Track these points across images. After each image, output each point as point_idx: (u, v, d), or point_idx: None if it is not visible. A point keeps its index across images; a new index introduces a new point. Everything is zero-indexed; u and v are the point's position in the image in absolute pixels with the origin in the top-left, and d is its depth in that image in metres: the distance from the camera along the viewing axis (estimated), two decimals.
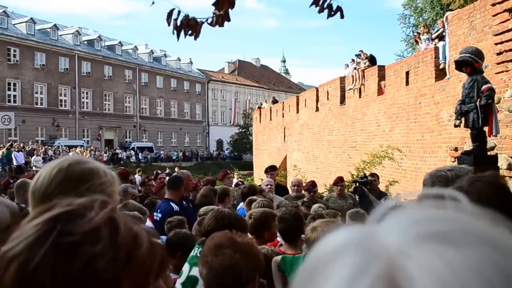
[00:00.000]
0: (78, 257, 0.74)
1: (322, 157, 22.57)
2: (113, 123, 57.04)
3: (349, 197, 8.74)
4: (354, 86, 18.84)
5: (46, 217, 0.79)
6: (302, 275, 0.49)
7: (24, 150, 28.57)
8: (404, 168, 14.02)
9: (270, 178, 8.77)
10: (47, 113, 49.58)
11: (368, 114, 17.62)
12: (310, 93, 25.81)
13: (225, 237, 1.99)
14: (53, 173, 1.55)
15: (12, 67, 47.05)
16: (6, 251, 0.76)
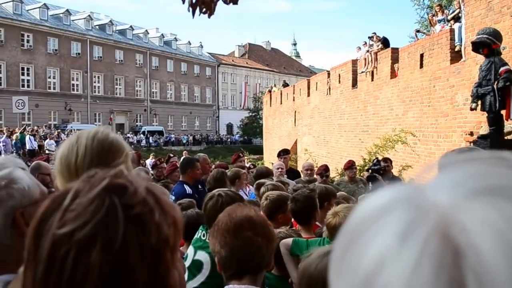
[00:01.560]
0: (150, 228, 0.76)
1: (333, 141, 22.37)
2: (124, 107, 57.22)
3: (360, 182, 8.64)
4: (366, 69, 18.54)
5: (98, 191, 0.77)
6: (349, 232, 0.48)
7: (38, 134, 28.64)
8: (417, 152, 13.78)
9: (282, 161, 8.62)
10: (59, 97, 49.83)
11: (380, 98, 17.35)
12: (321, 76, 25.57)
13: (243, 216, 1.89)
14: (93, 145, 1.54)
15: (26, 52, 47.24)
16: (69, 231, 0.73)
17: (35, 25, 48.02)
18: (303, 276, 1.33)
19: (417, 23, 35.85)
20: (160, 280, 0.79)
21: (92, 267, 0.71)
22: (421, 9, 36.48)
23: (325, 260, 1.28)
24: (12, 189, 1.36)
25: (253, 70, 77.13)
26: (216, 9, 2.35)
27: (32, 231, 0.78)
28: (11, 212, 1.34)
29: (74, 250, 0.72)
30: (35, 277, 0.74)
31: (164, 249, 0.79)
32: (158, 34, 65.02)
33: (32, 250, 0.76)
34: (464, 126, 11.54)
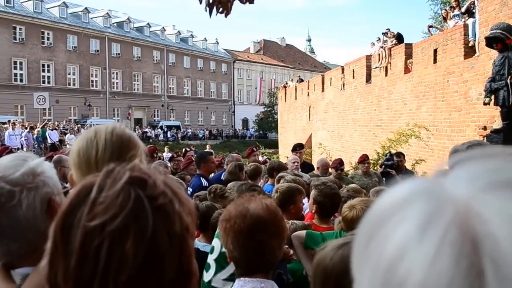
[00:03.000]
0: (173, 217, 0.79)
1: (347, 135, 22.29)
2: (142, 102, 57.46)
3: (374, 175, 8.59)
4: (380, 65, 18.43)
5: (122, 184, 0.79)
6: (370, 223, 0.50)
7: (58, 129, 28.91)
8: (431, 147, 13.69)
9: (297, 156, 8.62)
10: (79, 93, 50.17)
11: (394, 93, 17.25)
12: (336, 71, 25.46)
13: (256, 217, 1.85)
14: (113, 139, 1.56)
15: (46, 49, 47.63)
16: (101, 224, 0.74)
17: (55, 23, 48.36)
18: (318, 268, 1.33)
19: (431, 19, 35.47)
20: (186, 266, 0.82)
21: (126, 257, 0.73)
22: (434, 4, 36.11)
23: (340, 252, 1.28)
24: (45, 177, 1.40)
25: (268, 66, 76.94)
26: (232, 8, 2.36)
27: (59, 224, 0.79)
28: (46, 198, 1.38)
29: (108, 241, 0.73)
30: (67, 268, 0.75)
31: (187, 237, 0.82)
32: (175, 31, 65.18)
33: (61, 242, 0.77)
34: (478, 121, 11.43)
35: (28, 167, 1.38)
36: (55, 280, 0.77)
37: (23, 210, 1.33)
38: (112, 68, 53.92)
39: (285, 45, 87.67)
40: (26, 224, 1.34)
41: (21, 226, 1.34)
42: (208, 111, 67.07)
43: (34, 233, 1.35)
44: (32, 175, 1.37)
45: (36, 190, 1.36)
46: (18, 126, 24.68)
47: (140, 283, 0.75)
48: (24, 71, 45.83)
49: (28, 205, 1.34)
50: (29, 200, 1.34)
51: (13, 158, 1.43)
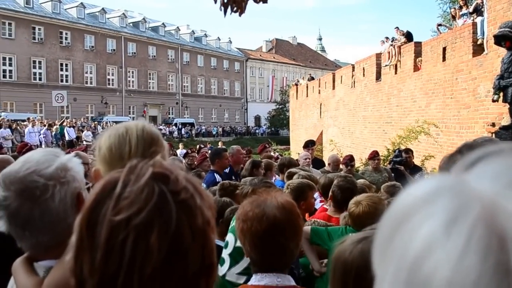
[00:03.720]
0: (195, 211, 0.80)
1: (358, 132, 22.22)
2: (157, 100, 57.67)
3: (384, 171, 8.57)
4: (390, 63, 18.33)
5: (146, 179, 0.79)
6: (394, 218, 0.49)
7: (76, 126, 29.11)
8: (440, 143, 13.61)
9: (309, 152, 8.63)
10: (96, 91, 50.48)
11: (404, 90, 17.15)
12: (346, 70, 25.37)
13: (272, 220, 1.81)
14: (144, 136, 1.58)
15: (64, 49, 47.95)
16: (126, 218, 0.75)
17: (73, 23, 48.67)
18: (337, 262, 1.33)
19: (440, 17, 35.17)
20: (208, 260, 0.82)
21: (151, 250, 0.74)
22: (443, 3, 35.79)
23: (359, 246, 1.28)
24: (74, 172, 1.44)
25: (280, 64, 76.81)
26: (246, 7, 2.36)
27: (85, 218, 0.80)
28: (75, 193, 1.41)
29: (133, 235, 0.74)
30: (93, 262, 0.75)
31: (208, 231, 0.83)
32: (189, 31, 65.27)
33: (87, 236, 0.78)
34: (486, 117, 11.34)
35: (60, 162, 1.41)
36: (81, 274, 0.78)
37: (55, 204, 1.36)
38: (128, 67, 54.15)
39: (297, 44, 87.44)
40: (56, 217, 1.37)
41: (52, 219, 1.36)
42: (221, 109, 67.14)
43: (63, 226, 1.36)
44: (65, 170, 1.40)
45: (67, 184, 1.39)
46: (37, 123, 24.90)
47: (164, 276, 0.75)
48: (43, 70, 46.19)
49: (60, 199, 1.37)
50: (61, 194, 1.37)
51: (45, 153, 1.45)
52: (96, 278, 0.75)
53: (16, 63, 43.99)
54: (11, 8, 43.81)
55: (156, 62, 57.56)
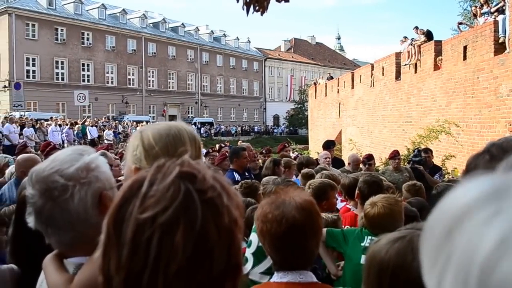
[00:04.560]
0: (222, 210, 0.79)
1: (377, 132, 22.07)
2: (177, 99, 57.98)
3: (404, 171, 8.45)
4: (409, 62, 18.16)
5: (173, 178, 0.80)
6: (449, 218, 0.47)
7: (97, 125, 29.34)
8: (460, 143, 13.45)
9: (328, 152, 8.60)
10: (117, 91, 50.95)
11: (424, 90, 16.98)
12: (365, 69, 25.21)
13: (292, 221, 1.80)
14: (193, 135, 1.60)
15: (86, 49, 48.49)
16: (152, 216, 0.75)
17: (94, 24, 49.22)
18: (373, 262, 1.32)
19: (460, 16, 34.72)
20: (234, 259, 0.81)
21: (176, 248, 0.74)
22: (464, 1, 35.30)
23: (396, 246, 1.27)
24: (99, 172, 1.42)
25: (299, 63, 76.66)
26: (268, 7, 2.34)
27: (112, 216, 0.80)
28: (97, 193, 1.40)
29: (158, 233, 0.74)
30: (119, 259, 0.76)
31: (235, 230, 0.82)
32: (208, 31, 65.53)
33: (114, 234, 0.78)
34: (508, 117, 11.18)
35: (83, 162, 1.40)
36: (108, 271, 0.78)
37: (74, 204, 1.36)
38: (148, 67, 54.53)
39: (315, 43, 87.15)
40: (76, 217, 1.37)
41: (72, 219, 1.36)
42: (240, 108, 67.26)
43: (85, 226, 1.37)
44: (86, 170, 1.39)
45: (88, 185, 1.38)
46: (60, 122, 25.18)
47: (189, 275, 0.75)
48: (65, 70, 46.78)
49: (80, 199, 1.36)
50: (81, 194, 1.36)
51: (71, 152, 1.46)
52: (122, 275, 0.76)
53: (39, 63, 44.60)
54: (34, 10, 44.46)
55: (176, 62, 57.87)
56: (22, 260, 2.06)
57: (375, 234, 3.10)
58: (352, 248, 3.21)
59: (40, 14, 44.64)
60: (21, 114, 27.76)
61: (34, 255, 1.61)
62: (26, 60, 43.75)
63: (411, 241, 1.25)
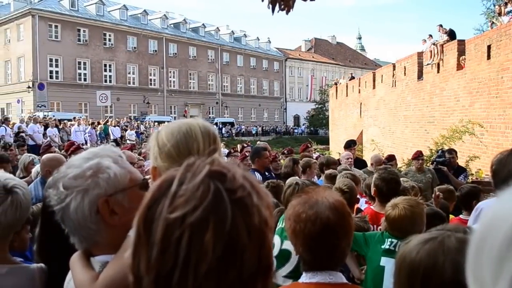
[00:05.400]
0: (252, 210, 0.79)
1: (399, 132, 21.88)
2: (198, 100, 58.27)
3: (428, 172, 8.32)
4: (432, 61, 17.96)
5: (202, 177, 0.79)
6: (509, 233, 0.44)
7: (119, 125, 29.59)
8: (485, 143, 13.25)
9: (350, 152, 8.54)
10: (138, 91, 51.37)
11: (446, 89, 16.78)
12: (387, 69, 25.03)
13: (325, 221, 1.79)
14: (209, 133, 1.61)
15: (108, 50, 49.01)
16: (181, 215, 0.75)
17: (116, 25, 49.70)
18: (404, 263, 1.30)
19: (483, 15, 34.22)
20: (265, 261, 0.80)
21: (206, 248, 0.73)
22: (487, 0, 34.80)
23: (426, 247, 1.25)
24: (98, 178, 1.41)
25: (319, 63, 76.43)
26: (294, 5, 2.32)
27: (142, 216, 0.80)
28: (96, 200, 1.39)
29: (188, 233, 0.73)
30: (149, 259, 0.75)
31: (266, 230, 0.81)
32: (229, 31, 65.70)
33: (144, 234, 0.78)
34: None
35: (80, 169, 1.41)
36: (138, 271, 0.78)
37: (72, 212, 1.37)
38: (169, 67, 54.90)
39: (336, 43, 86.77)
40: (77, 223, 1.38)
41: (73, 224, 1.39)
42: (260, 108, 67.31)
43: (86, 231, 1.39)
44: (82, 177, 1.39)
45: (85, 192, 1.38)
46: (83, 122, 25.46)
47: (219, 276, 0.74)
48: (87, 71, 47.35)
49: (77, 207, 1.37)
50: (77, 202, 1.37)
51: (81, 156, 1.48)
52: (152, 275, 0.76)
53: (62, 64, 45.21)
54: (57, 11, 45.08)
55: (197, 63, 58.14)
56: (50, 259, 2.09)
57: (396, 237, 3.08)
58: (373, 251, 3.19)
59: (62, 16, 45.25)
60: (44, 114, 28.12)
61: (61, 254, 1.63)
62: (49, 61, 44.40)
63: (442, 242, 1.23)
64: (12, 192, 1.95)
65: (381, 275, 3.03)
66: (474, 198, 4.72)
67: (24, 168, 6.34)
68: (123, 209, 1.42)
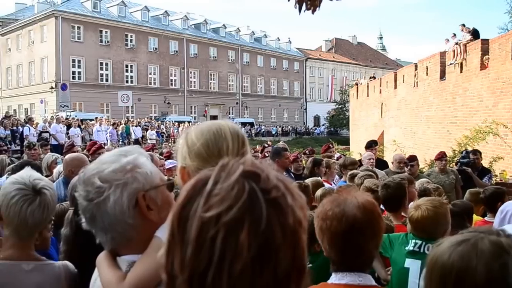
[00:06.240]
0: (286, 210, 0.78)
1: (420, 133, 21.65)
2: (218, 100, 58.50)
3: (451, 173, 8.19)
4: (455, 61, 17.72)
5: (237, 177, 0.78)
6: None
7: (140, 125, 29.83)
8: (509, 144, 13.03)
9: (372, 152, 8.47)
10: (159, 91, 51.79)
11: (469, 89, 16.54)
12: (409, 69, 24.79)
13: (352, 219, 1.77)
14: (238, 133, 1.61)
15: (129, 51, 49.50)
16: (216, 214, 0.74)
17: (137, 26, 50.21)
18: (435, 266, 1.28)
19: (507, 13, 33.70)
20: (299, 262, 0.80)
21: (241, 248, 0.72)
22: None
23: (459, 249, 1.23)
24: (136, 173, 1.42)
25: (340, 64, 76.11)
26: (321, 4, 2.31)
27: (176, 215, 0.80)
28: (134, 194, 1.39)
29: (223, 232, 0.73)
30: (183, 258, 0.75)
31: (300, 231, 0.80)
32: (249, 32, 65.85)
33: (178, 232, 0.78)
34: None
35: (119, 164, 1.41)
36: (172, 270, 0.78)
37: (110, 205, 1.37)
38: (190, 68, 55.20)
39: (357, 43, 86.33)
40: (114, 218, 1.38)
41: (109, 220, 1.38)
42: (280, 109, 67.30)
43: (123, 226, 1.38)
44: (122, 171, 1.40)
45: (124, 186, 1.38)
46: (104, 122, 25.73)
47: (254, 275, 0.74)
48: (109, 72, 47.89)
49: (115, 201, 1.37)
50: (116, 196, 1.37)
51: (113, 153, 1.48)
52: (186, 274, 0.75)
53: (85, 65, 45.80)
54: (80, 13, 45.70)
55: (217, 63, 58.37)
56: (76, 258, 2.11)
57: (420, 238, 3.05)
58: (397, 253, 3.16)
59: (85, 17, 45.85)
60: (67, 114, 28.50)
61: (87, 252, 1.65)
62: (72, 61, 45.04)
63: (476, 245, 1.21)
64: (40, 193, 1.98)
65: (406, 277, 3.00)
66: (498, 200, 4.64)
67: (48, 167, 6.41)
68: (156, 206, 1.42)
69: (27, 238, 1.98)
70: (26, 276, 1.93)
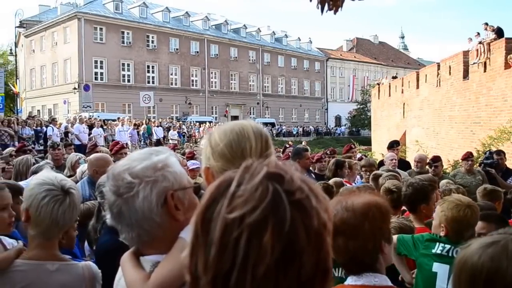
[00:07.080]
0: (311, 212, 0.77)
1: (443, 133, 21.38)
2: (239, 100, 58.57)
3: (478, 173, 8.03)
4: (478, 60, 17.46)
5: (261, 178, 0.78)
6: None
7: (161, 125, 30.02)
8: None
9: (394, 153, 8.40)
10: (180, 92, 52.04)
11: (493, 89, 16.29)
12: (431, 68, 24.49)
13: (344, 220, 1.74)
14: (261, 134, 1.60)
15: (151, 52, 49.83)
16: (240, 216, 0.74)
17: (159, 27, 50.54)
18: (464, 267, 1.27)
19: None
20: (323, 264, 0.79)
21: (265, 249, 0.72)
22: None
23: (489, 251, 1.22)
24: (167, 172, 1.43)
25: (361, 63, 75.59)
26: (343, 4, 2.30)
27: (200, 216, 0.80)
28: (163, 192, 1.40)
29: (246, 233, 0.73)
30: (207, 259, 0.75)
31: (324, 234, 0.79)
32: (270, 32, 65.78)
33: (202, 233, 0.78)
34: None
35: (150, 161, 1.42)
36: (195, 271, 0.78)
37: (139, 201, 1.38)
38: (211, 68, 55.39)
39: (378, 43, 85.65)
40: (141, 215, 1.38)
41: (137, 216, 1.39)
42: (301, 109, 67.14)
43: (150, 224, 1.39)
44: (153, 169, 1.41)
45: (154, 183, 1.39)
46: (126, 123, 25.95)
47: (277, 277, 0.73)
48: (131, 72, 48.28)
49: (144, 197, 1.38)
50: (145, 192, 1.38)
51: (144, 152, 1.49)
52: (210, 276, 0.75)
53: (107, 66, 46.28)
54: (102, 14, 46.22)
55: (238, 63, 58.48)
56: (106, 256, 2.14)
57: (448, 241, 2.99)
58: (423, 255, 3.10)
59: (107, 19, 46.36)
60: (90, 115, 28.84)
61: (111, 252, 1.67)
62: (94, 62, 45.55)
63: (506, 246, 1.20)
64: (69, 193, 2.02)
65: (434, 281, 2.95)
66: None
67: (71, 167, 6.50)
68: (183, 206, 1.43)
69: (53, 238, 2.02)
70: (50, 277, 1.96)
